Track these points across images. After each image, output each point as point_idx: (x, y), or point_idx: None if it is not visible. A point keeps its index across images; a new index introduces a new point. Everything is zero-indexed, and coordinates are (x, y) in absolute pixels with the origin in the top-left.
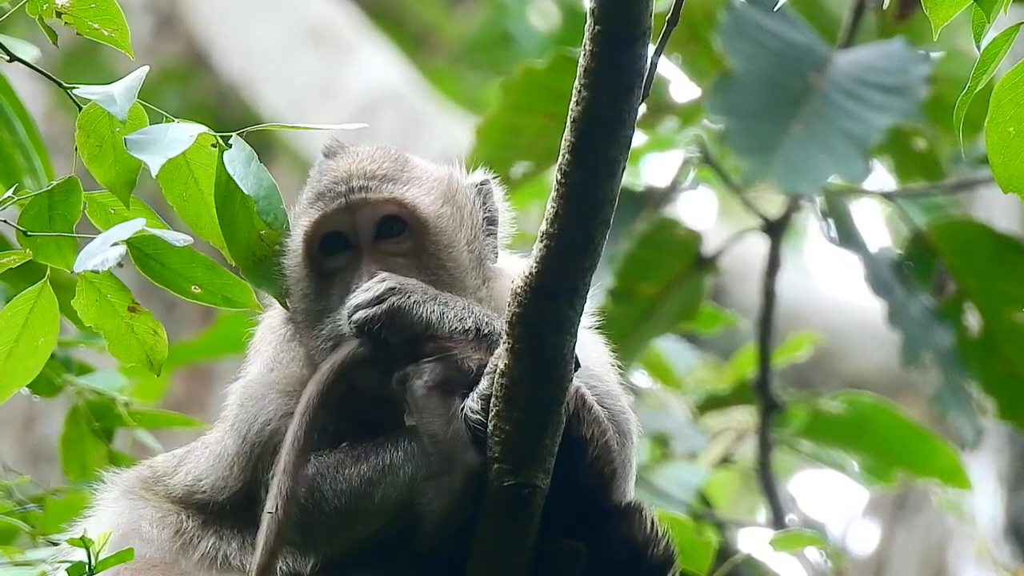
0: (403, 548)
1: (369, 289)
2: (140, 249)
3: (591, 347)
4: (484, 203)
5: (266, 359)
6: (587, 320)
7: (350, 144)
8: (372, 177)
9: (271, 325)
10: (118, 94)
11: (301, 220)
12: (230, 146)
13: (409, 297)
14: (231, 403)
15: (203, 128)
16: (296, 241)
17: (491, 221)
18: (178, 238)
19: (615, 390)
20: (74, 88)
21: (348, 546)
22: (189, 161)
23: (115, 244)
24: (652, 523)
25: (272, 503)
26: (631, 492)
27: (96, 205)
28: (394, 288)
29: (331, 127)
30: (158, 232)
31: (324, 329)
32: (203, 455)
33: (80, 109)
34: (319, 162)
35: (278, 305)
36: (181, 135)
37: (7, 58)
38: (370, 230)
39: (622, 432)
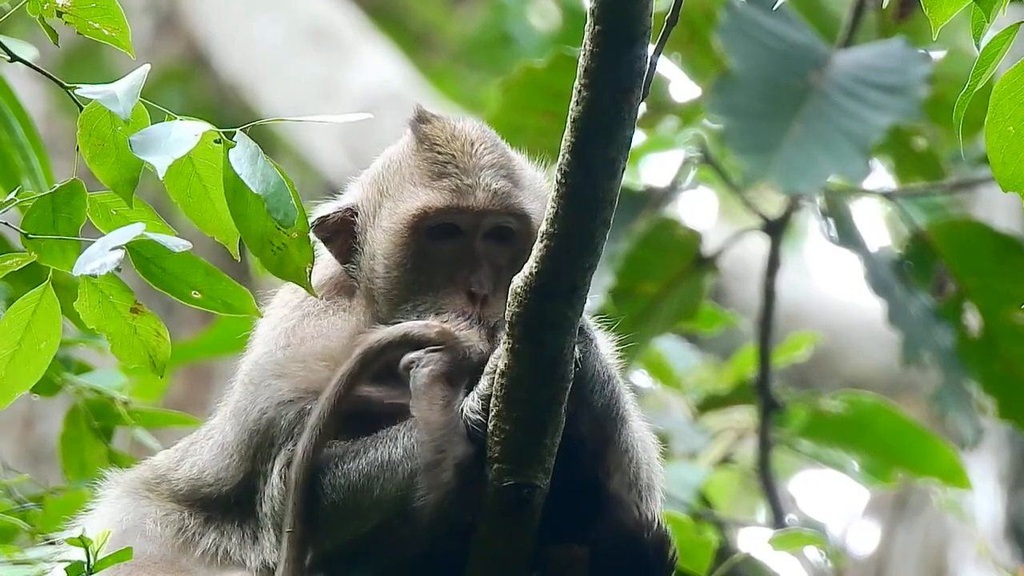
0: (402, 547)
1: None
2: (140, 253)
3: None
4: None
5: (269, 341)
6: (590, 321)
7: (446, 119)
8: (503, 177)
9: (277, 308)
10: (120, 93)
11: (419, 194)
12: (235, 143)
13: None
14: (235, 384)
15: (206, 126)
16: (404, 212)
17: None
18: (177, 243)
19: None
20: (76, 88)
21: (345, 541)
22: (193, 158)
23: (114, 248)
24: (641, 509)
25: (289, 521)
26: None
27: (97, 206)
28: None
29: (336, 119)
30: (157, 237)
31: (424, 302)
32: (205, 446)
33: (81, 109)
34: (415, 128)
35: (283, 286)
36: (185, 134)
37: (8, 58)
38: (486, 230)
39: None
